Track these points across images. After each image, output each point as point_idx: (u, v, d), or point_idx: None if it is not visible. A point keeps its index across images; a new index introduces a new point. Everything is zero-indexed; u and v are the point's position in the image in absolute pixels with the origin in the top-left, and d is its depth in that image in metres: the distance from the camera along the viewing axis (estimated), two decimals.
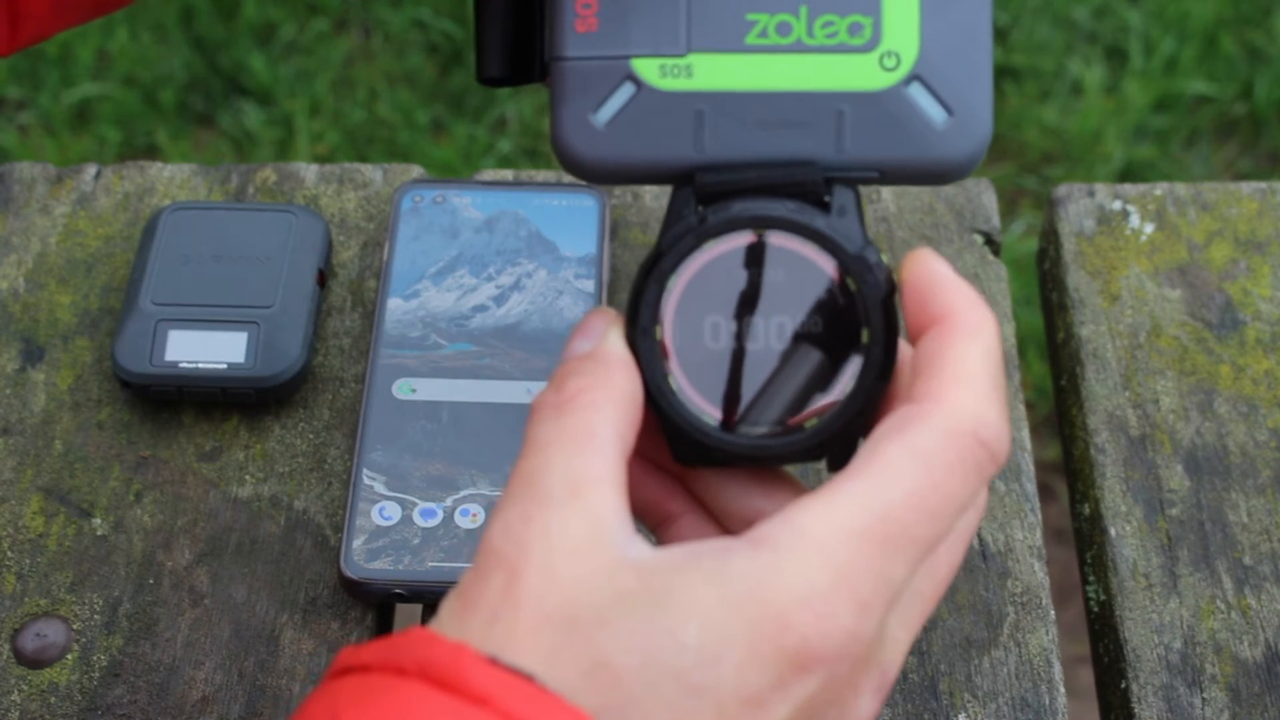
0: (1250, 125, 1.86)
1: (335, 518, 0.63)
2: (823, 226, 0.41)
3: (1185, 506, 0.64)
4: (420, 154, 1.72)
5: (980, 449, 0.37)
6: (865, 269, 0.41)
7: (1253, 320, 0.70)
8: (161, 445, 0.65)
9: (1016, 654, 0.60)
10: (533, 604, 0.35)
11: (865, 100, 0.43)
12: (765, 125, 0.43)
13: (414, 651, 0.35)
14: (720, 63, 0.43)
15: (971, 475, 0.37)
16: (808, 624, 0.35)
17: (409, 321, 0.67)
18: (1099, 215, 0.74)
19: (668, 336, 0.41)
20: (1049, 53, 1.90)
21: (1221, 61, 1.89)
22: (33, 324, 0.69)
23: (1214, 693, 0.59)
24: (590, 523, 0.37)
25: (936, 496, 0.36)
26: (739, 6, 0.43)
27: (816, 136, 0.43)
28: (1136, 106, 1.83)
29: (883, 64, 0.43)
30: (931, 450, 0.37)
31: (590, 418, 0.39)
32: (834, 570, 0.35)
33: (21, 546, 0.62)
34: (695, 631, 0.35)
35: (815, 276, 0.41)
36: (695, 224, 0.41)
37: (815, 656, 0.35)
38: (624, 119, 0.43)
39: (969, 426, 0.37)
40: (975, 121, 0.43)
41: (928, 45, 0.43)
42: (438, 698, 0.34)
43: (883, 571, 0.36)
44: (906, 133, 0.43)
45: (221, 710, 0.58)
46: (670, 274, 0.41)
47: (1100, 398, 0.68)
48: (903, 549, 0.36)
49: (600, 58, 0.43)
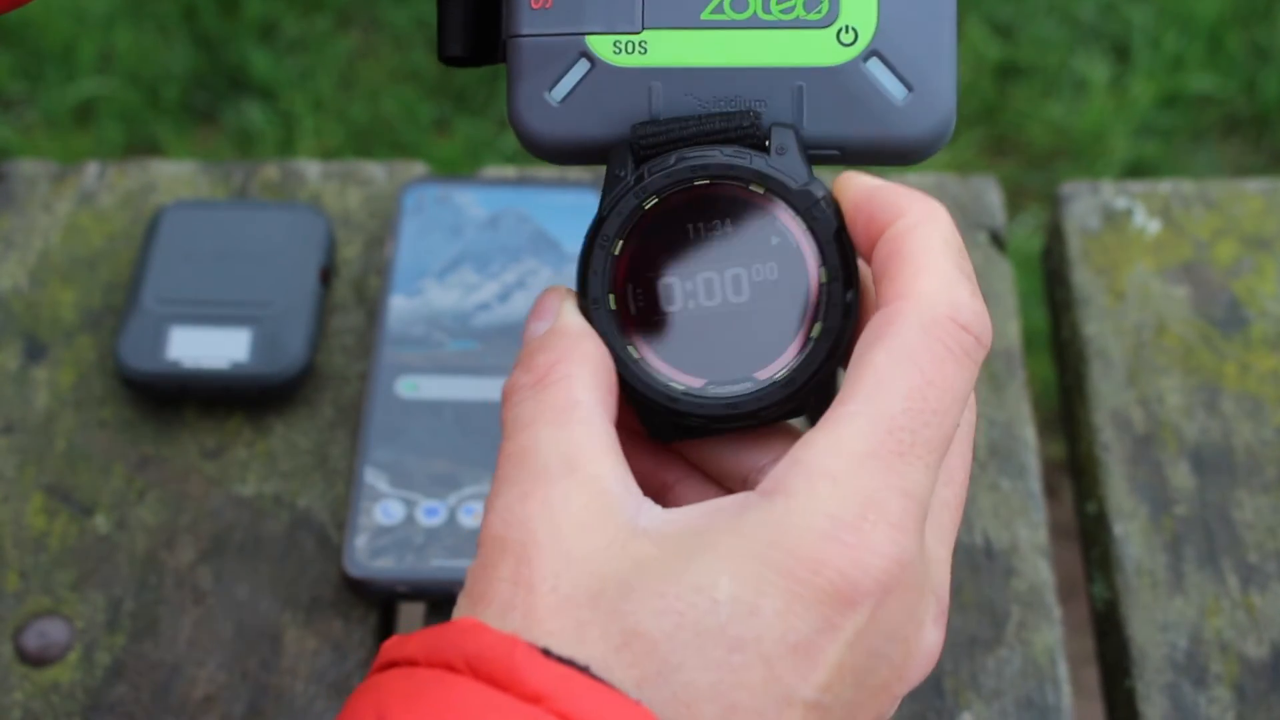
0: (1256, 122, 1.85)
1: (338, 516, 0.63)
2: (763, 167, 0.40)
3: (1190, 505, 0.64)
4: (424, 151, 1.72)
5: (962, 333, 0.36)
6: (812, 203, 0.40)
7: (1258, 318, 0.70)
8: (164, 443, 0.65)
9: (1021, 652, 0.60)
10: (548, 585, 0.34)
11: (822, 76, 0.41)
12: (720, 101, 0.42)
13: (462, 645, 0.33)
14: (675, 39, 0.42)
15: (963, 361, 0.36)
16: (842, 558, 0.33)
17: (412, 319, 0.67)
18: (1104, 212, 0.73)
19: (622, 305, 0.40)
20: (1054, 50, 1.90)
21: (1227, 59, 1.88)
22: (35, 322, 0.69)
23: (1219, 691, 0.59)
24: (594, 494, 0.35)
25: (934, 392, 0.35)
26: None
27: (774, 112, 0.42)
28: (1142, 104, 1.82)
29: (840, 39, 0.42)
30: (915, 347, 0.35)
31: (569, 388, 0.37)
32: (856, 498, 0.34)
33: (24, 545, 0.62)
34: (727, 586, 0.33)
35: (763, 221, 0.40)
36: (633, 183, 0.40)
37: (858, 590, 0.33)
38: (578, 96, 0.42)
39: (945, 313, 0.36)
40: (936, 98, 0.42)
41: (886, 20, 0.42)
42: (489, 695, 0.32)
43: (905, 486, 0.34)
44: (865, 109, 0.41)
45: (224, 709, 0.58)
46: (615, 239, 0.40)
47: (1105, 396, 0.67)
48: (918, 456, 0.35)
49: (555, 35, 0.42)
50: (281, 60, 1.80)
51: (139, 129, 1.75)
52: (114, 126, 1.74)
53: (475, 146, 1.73)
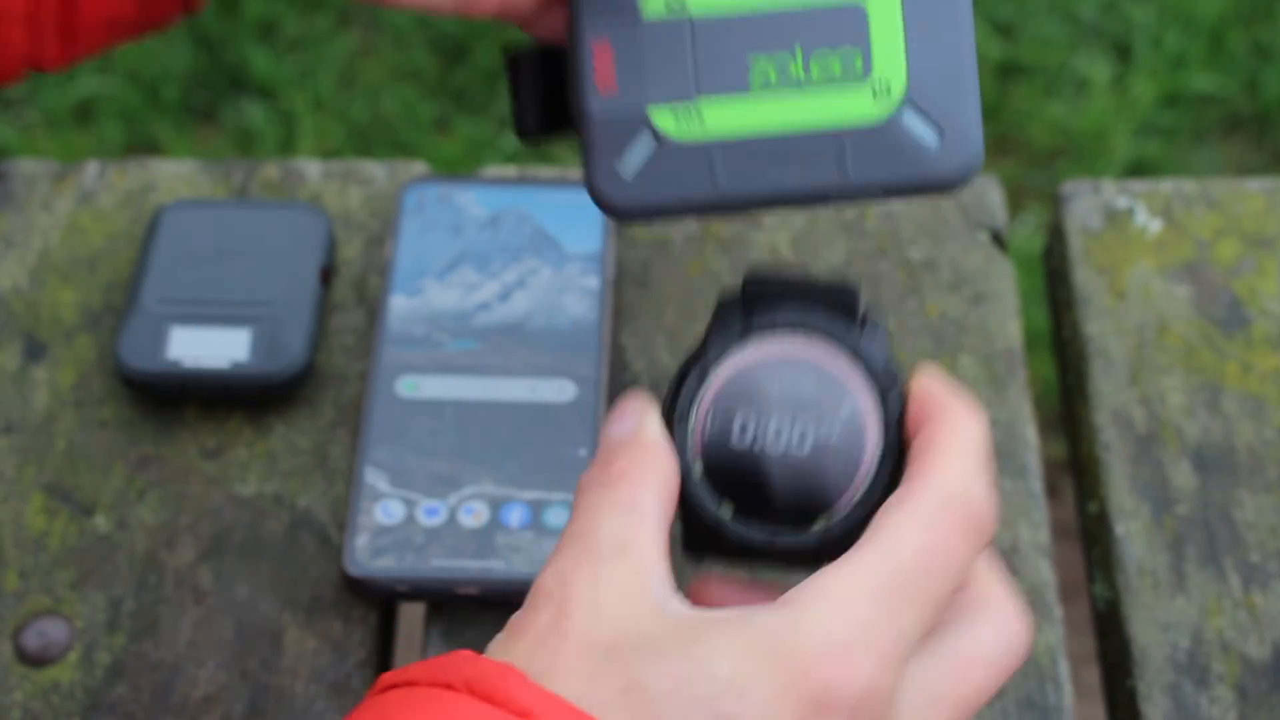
0: (1257, 122, 1.85)
1: (338, 516, 0.63)
2: (857, 344, 0.44)
3: (1192, 505, 0.64)
4: (424, 150, 1.71)
5: (971, 516, 0.41)
6: (889, 388, 0.44)
7: (1260, 318, 0.70)
8: (164, 443, 0.65)
9: None
10: (577, 634, 0.38)
11: (863, 134, 0.46)
12: (775, 162, 0.46)
13: (460, 669, 0.37)
14: (728, 106, 0.46)
15: (969, 538, 0.41)
16: (831, 672, 0.37)
17: (413, 319, 0.67)
18: (1105, 212, 0.73)
19: (699, 427, 0.44)
20: (1055, 49, 1.90)
21: (1228, 58, 1.88)
22: (35, 321, 0.69)
23: (1221, 691, 0.59)
24: (635, 574, 0.40)
25: (940, 554, 0.40)
26: (740, 48, 0.46)
27: (822, 169, 0.46)
28: (1143, 103, 1.82)
29: (875, 95, 0.46)
30: (931, 514, 0.40)
31: (635, 491, 0.42)
32: (855, 624, 0.38)
33: (24, 545, 0.62)
34: (726, 667, 0.37)
35: (839, 390, 0.44)
36: (740, 327, 0.45)
37: (836, 701, 0.37)
38: (647, 168, 0.46)
39: (960, 496, 0.41)
40: (966, 141, 0.46)
41: (915, 70, 0.45)
42: (483, 709, 0.36)
43: (898, 624, 0.39)
44: (903, 156, 0.46)
45: (224, 709, 0.58)
46: (711, 369, 0.44)
47: (1107, 395, 0.67)
48: (913, 601, 0.39)
49: (620, 110, 0.46)
50: (281, 59, 1.80)
51: (139, 128, 1.75)
52: (114, 126, 1.74)
53: (476, 146, 1.73)
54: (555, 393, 0.65)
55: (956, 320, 0.69)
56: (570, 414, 0.64)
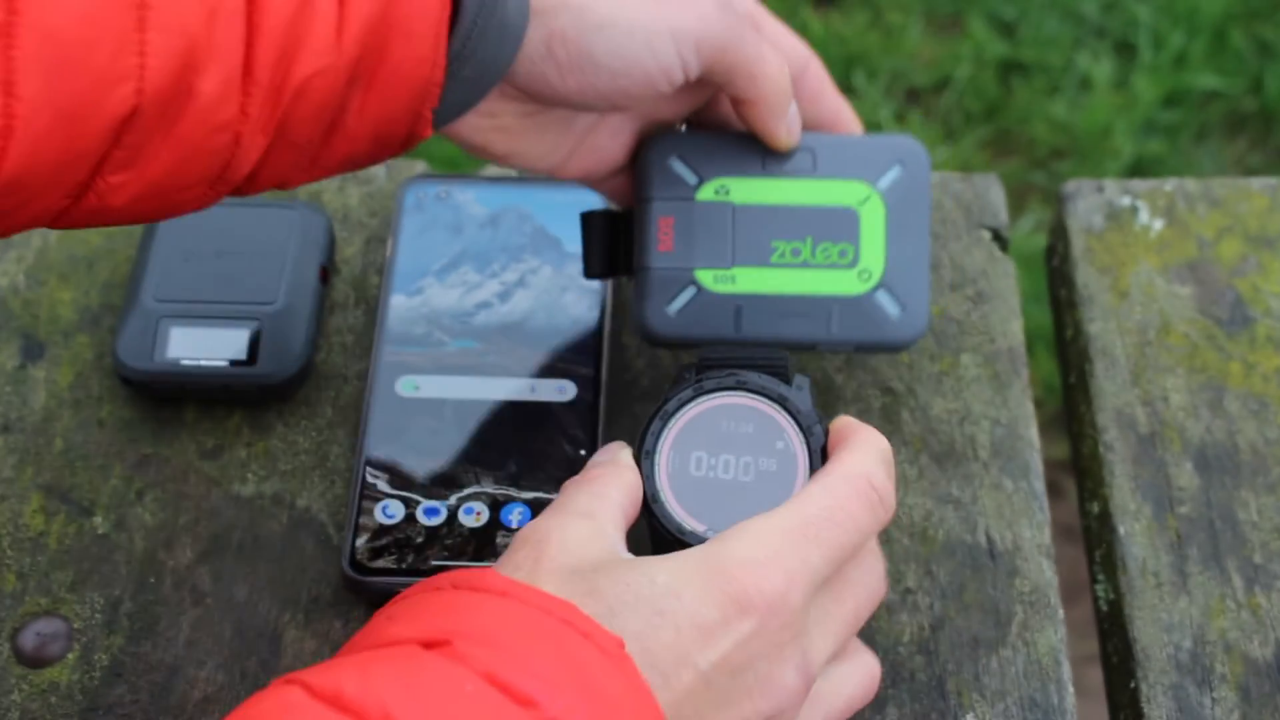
0: (1260, 120, 1.85)
1: (338, 516, 0.63)
2: (787, 394, 0.55)
3: (1195, 505, 0.64)
4: (424, 149, 1.71)
5: (872, 490, 0.52)
6: (810, 426, 0.55)
7: (1263, 317, 0.69)
8: (163, 443, 0.65)
9: (1025, 653, 0.60)
10: (549, 561, 0.49)
11: (848, 302, 0.62)
12: (782, 315, 0.62)
13: (447, 577, 0.47)
14: (754, 273, 0.62)
15: (866, 505, 0.51)
16: (747, 577, 0.48)
17: (412, 318, 0.67)
18: (1108, 211, 0.73)
19: (663, 461, 0.55)
20: (1057, 47, 1.90)
21: (1231, 56, 1.88)
22: (33, 320, 0.69)
23: (1224, 692, 0.59)
24: (597, 531, 0.51)
25: (840, 512, 0.50)
26: (766, 237, 0.62)
27: (814, 324, 0.62)
28: (1146, 101, 1.82)
29: (860, 277, 0.62)
30: (835, 483, 0.52)
31: (603, 488, 0.53)
32: (769, 549, 0.49)
33: (22, 545, 0.62)
34: (664, 577, 0.48)
35: (774, 430, 0.55)
36: (694, 384, 0.56)
37: (752, 603, 0.47)
38: (688, 310, 0.62)
39: (863, 473, 0.52)
40: (919, 315, 0.62)
41: (890, 263, 0.62)
42: (466, 596, 0.46)
43: (804, 556, 0.49)
44: (873, 322, 0.62)
45: (223, 710, 0.58)
46: (672, 415, 0.55)
47: (1109, 395, 0.67)
48: (817, 543, 0.49)
49: (674, 268, 0.62)
50: None
51: None
52: None
53: None
54: (555, 392, 0.65)
55: (958, 319, 0.69)
56: (571, 414, 0.64)
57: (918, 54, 1.91)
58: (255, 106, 0.49)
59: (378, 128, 0.53)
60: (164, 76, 0.46)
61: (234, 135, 0.49)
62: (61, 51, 0.44)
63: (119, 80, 0.45)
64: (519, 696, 0.42)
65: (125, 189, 0.49)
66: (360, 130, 0.53)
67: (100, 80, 0.45)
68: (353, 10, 0.50)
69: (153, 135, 0.47)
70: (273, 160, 0.52)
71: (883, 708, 0.58)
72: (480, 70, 0.54)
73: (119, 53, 0.45)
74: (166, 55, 0.46)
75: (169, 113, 0.47)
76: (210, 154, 0.49)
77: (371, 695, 0.41)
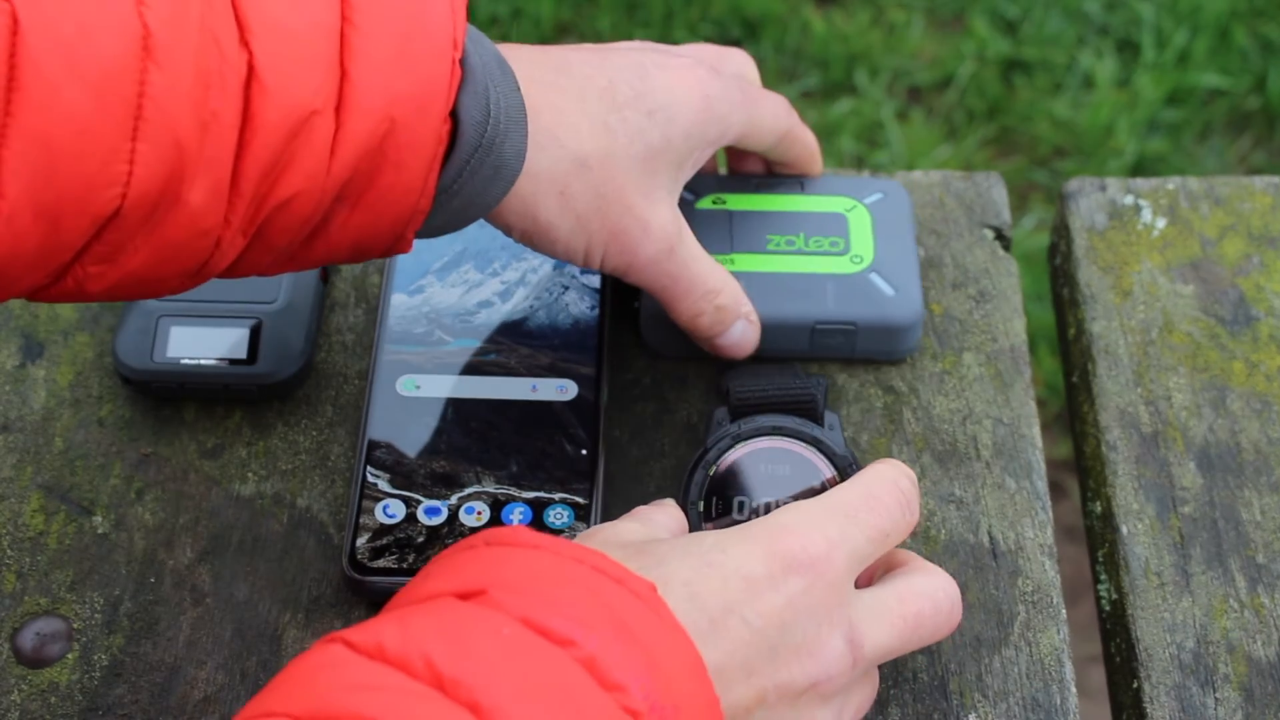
0: (1264, 119, 1.85)
1: (338, 515, 0.63)
2: (820, 436, 0.59)
3: (1198, 504, 0.64)
4: None
5: (902, 488, 0.55)
6: (848, 466, 0.59)
7: (1266, 316, 0.69)
8: (163, 442, 0.65)
9: (1027, 653, 0.60)
10: (600, 539, 0.52)
11: (843, 279, 0.66)
12: (782, 293, 0.65)
13: (479, 535, 0.49)
14: (752, 258, 0.67)
15: (896, 500, 0.54)
16: (794, 537, 0.50)
17: (413, 317, 0.67)
18: (1111, 210, 0.73)
19: (708, 508, 0.59)
20: (1060, 45, 1.89)
21: (1234, 54, 1.88)
22: (33, 320, 0.68)
23: (1227, 693, 0.59)
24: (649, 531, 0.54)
25: (875, 501, 0.54)
26: (762, 232, 0.67)
27: (813, 302, 0.65)
28: (1148, 100, 1.82)
29: (852, 261, 0.66)
30: (868, 476, 0.55)
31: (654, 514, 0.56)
32: (812, 519, 0.51)
33: (21, 545, 0.62)
34: (712, 539, 0.50)
35: (810, 470, 0.59)
36: (731, 430, 0.60)
37: (798, 560, 0.50)
38: None
39: (891, 476, 0.55)
40: (911, 297, 0.66)
41: (880, 252, 0.67)
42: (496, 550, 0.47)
43: (843, 528, 0.52)
44: (870, 299, 0.65)
45: (223, 710, 0.58)
46: (713, 464, 0.59)
47: (1112, 394, 0.67)
48: (856, 522, 0.52)
49: None
50: None
51: None
52: None
53: None
54: (557, 392, 0.65)
55: (960, 318, 0.69)
56: (572, 413, 0.64)
57: (920, 52, 1.91)
58: (238, 214, 0.49)
59: (359, 240, 0.53)
60: (151, 184, 0.46)
61: (215, 239, 0.49)
62: (52, 158, 0.44)
63: (106, 186, 0.45)
64: (556, 637, 0.43)
65: (103, 278, 0.49)
66: (341, 241, 0.53)
67: (87, 185, 0.45)
68: (348, 136, 0.50)
69: (134, 235, 0.47)
70: (250, 258, 0.52)
71: (885, 708, 0.58)
72: (468, 203, 0.54)
73: (109, 161, 0.45)
74: (156, 165, 0.46)
75: (153, 217, 0.47)
76: (190, 253, 0.49)
77: (412, 644, 0.42)
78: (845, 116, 1.84)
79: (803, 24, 1.93)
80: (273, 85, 0.48)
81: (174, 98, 0.45)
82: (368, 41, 0.50)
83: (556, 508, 0.61)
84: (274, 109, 0.48)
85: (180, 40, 0.45)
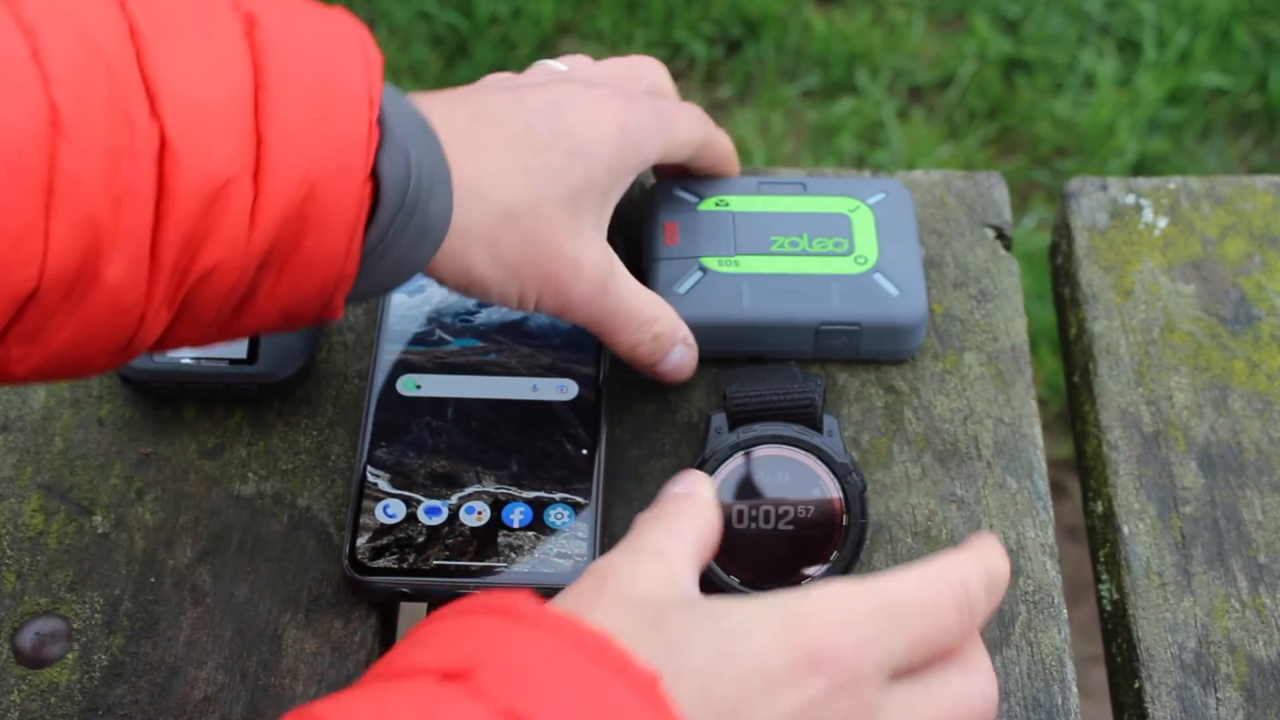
0: (1265, 118, 1.85)
1: (339, 515, 0.63)
2: (820, 443, 0.59)
3: (1199, 504, 0.64)
4: None
5: (964, 594, 0.48)
6: (848, 473, 0.59)
7: (1267, 316, 0.69)
8: (163, 442, 0.65)
9: (1029, 653, 0.60)
10: (614, 591, 0.47)
11: (848, 280, 0.66)
12: (786, 293, 0.65)
13: (480, 599, 0.45)
14: (756, 259, 0.66)
15: (955, 606, 0.48)
16: (822, 633, 0.45)
17: (414, 317, 0.66)
18: (1112, 209, 0.73)
19: None
20: (1061, 45, 1.89)
21: (1236, 53, 1.88)
22: None
23: (1228, 693, 0.59)
24: (668, 571, 0.48)
25: (930, 605, 0.48)
26: (765, 233, 0.67)
27: (818, 301, 0.65)
28: (1150, 99, 1.82)
29: (856, 261, 0.66)
30: (930, 574, 0.48)
31: (679, 524, 0.51)
32: (850, 614, 0.46)
33: (21, 545, 0.62)
34: (736, 618, 0.45)
35: (810, 477, 0.59)
36: (730, 439, 0.59)
37: (824, 658, 0.45)
38: (696, 291, 0.65)
39: (961, 577, 0.49)
40: (915, 300, 0.65)
41: (884, 253, 0.66)
42: (494, 621, 0.43)
43: (883, 630, 0.46)
44: (874, 299, 0.65)
45: (224, 710, 0.58)
46: (711, 474, 0.58)
47: (1113, 394, 0.67)
48: (899, 625, 0.46)
49: (681, 257, 0.66)
50: None
51: None
52: None
53: None
54: (557, 391, 0.64)
55: (961, 318, 0.69)
56: (572, 412, 0.64)
57: (921, 51, 1.91)
58: (159, 288, 0.48)
59: (288, 308, 0.52)
60: (67, 262, 0.45)
61: (139, 315, 0.48)
62: None
63: (22, 265, 0.44)
64: None
65: (28, 359, 0.48)
66: (270, 309, 0.52)
67: (3, 264, 0.44)
68: (268, 203, 0.48)
69: (54, 314, 0.46)
70: (179, 332, 0.51)
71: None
72: (398, 263, 0.53)
73: (23, 239, 0.44)
74: (71, 242, 0.45)
75: (72, 294, 0.46)
76: (114, 330, 0.48)
77: None
78: (846, 116, 1.84)
79: (803, 23, 1.93)
80: (186, 156, 0.46)
81: (86, 173, 0.44)
82: (282, 105, 0.48)
83: (557, 507, 0.61)
84: (189, 180, 0.46)
85: (89, 115, 0.44)
